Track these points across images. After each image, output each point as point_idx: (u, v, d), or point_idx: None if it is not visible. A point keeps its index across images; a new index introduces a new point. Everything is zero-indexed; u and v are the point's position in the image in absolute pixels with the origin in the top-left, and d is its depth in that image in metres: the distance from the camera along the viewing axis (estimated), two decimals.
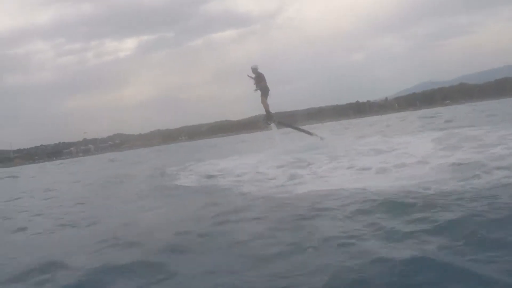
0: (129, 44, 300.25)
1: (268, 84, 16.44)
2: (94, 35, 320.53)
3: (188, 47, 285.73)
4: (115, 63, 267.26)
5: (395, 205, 5.49)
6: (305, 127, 18.99)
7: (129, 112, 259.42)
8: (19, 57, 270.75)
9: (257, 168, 12.05)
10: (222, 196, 8.54)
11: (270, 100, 16.73)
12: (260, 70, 16.38)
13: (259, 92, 16.50)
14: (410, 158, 9.40)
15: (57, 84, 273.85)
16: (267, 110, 16.72)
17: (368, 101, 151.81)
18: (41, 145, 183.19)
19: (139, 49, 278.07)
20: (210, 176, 11.90)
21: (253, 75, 16.28)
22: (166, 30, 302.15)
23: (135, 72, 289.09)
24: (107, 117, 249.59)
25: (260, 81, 16.14)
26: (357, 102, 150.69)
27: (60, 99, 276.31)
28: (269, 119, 16.97)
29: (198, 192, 9.62)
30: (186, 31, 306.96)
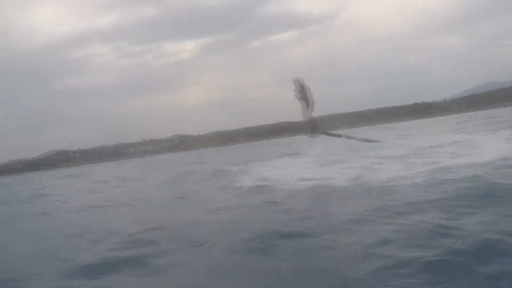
0: (189, 46, 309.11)
1: (314, 96, 17.01)
2: (155, 38, 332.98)
3: (248, 49, 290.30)
4: (175, 65, 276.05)
5: None
6: (364, 129, 20.15)
7: (189, 113, 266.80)
8: (80, 59, 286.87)
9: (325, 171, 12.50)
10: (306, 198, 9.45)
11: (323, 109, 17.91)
12: (302, 82, 16.94)
13: (300, 102, 17.12)
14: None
15: (118, 86, 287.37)
16: (308, 122, 17.31)
17: (427, 102, 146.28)
18: (101, 146, 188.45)
19: (198, 51, 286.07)
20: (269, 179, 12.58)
21: (297, 87, 16.76)
22: (226, 32, 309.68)
23: (194, 74, 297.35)
24: (166, 118, 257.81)
25: (301, 93, 16.59)
26: (416, 103, 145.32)
27: (120, 100, 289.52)
28: (312, 131, 17.38)
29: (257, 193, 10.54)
30: (246, 32, 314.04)
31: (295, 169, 14.04)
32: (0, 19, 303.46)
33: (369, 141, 16.96)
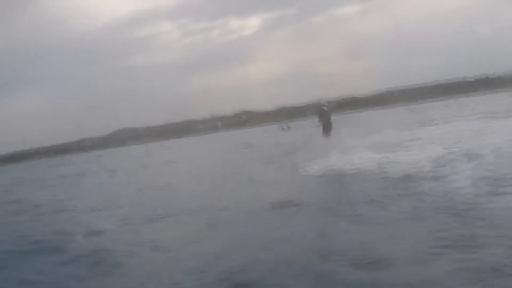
0: (253, 22, 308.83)
1: (332, 120, 17.76)
2: (218, 15, 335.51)
3: (311, 23, 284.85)
4: (240, 41, 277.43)
5: None
6: (438, 103, 21.82)
7: (255, 89, 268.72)
8: (146, 37, 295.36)
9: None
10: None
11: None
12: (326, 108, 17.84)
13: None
14: None
15: (184, 63, 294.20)
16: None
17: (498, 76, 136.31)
18: (170, 123, 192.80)
19: (262, 27, 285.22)
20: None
21: (324, 108, 17.73)
22: (289, 7, 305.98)
23: (259, 50, 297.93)
24: (233, 94, 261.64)
25: (322, 117, 17.44)
26: (487, 77, 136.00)
27: (187, 77, 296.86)
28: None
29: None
30: (309, 7, 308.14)
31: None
32: (61, 3, 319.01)
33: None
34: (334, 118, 17.83)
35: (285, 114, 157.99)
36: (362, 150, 14.63)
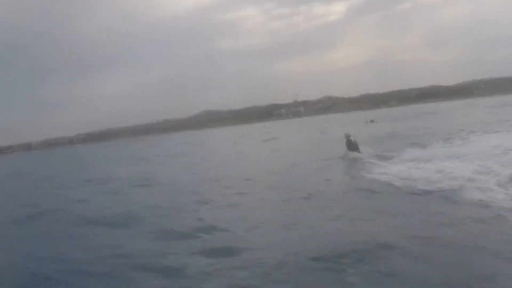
0: (339, 8, 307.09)
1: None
2: (304, 0, 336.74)
3: (398, 10, 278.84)
4: (325, 27, 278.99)
5: None
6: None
7: (339, 75, 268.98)
8: (230, 22, 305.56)
9: None
10: None
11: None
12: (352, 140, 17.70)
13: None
14: None
15: (268, 48, 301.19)
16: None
17: None
18: (253, 106, 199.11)
19: (348, 13, 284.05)
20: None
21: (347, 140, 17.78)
22: None
23: (344, 36, 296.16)
24: (317, 80, 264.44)
25: (349, 148, 17.49)
26: None
27: (271, 62, 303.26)
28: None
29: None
30: None
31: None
32: None
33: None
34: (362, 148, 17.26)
35: (368, 101, 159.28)
36: (440, 156, 13.81)
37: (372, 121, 49.75)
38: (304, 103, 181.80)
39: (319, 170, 15.28)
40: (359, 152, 17.04)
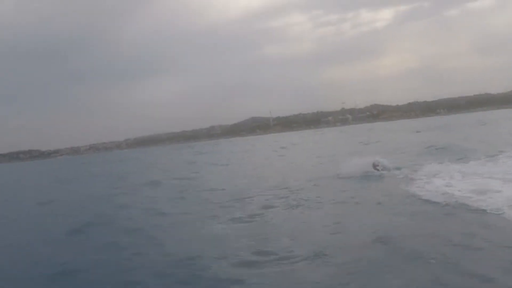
0: (386, 15, 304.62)
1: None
2: (351, 6, 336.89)
3: (445, 17, 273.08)
4: (372, 34, 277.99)
5: None
6: None
7: (386, 82, 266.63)
8: (278, 29, 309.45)
9: None
10: None
11: None
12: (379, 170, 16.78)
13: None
14: None
15: (315, 55, 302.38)
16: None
17: None
18: (300, 114, 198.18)
19: (395, 19, 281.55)
20: None
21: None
22: None
23: (391, 43, 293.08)
24: (364, 87, 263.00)
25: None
26: None
27: (318, 69, 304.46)
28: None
29: None
30: (443, 0, 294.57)
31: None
32: None
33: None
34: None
35: (416, 110, 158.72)
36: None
37: (418, 131, 49.48)
38: (351, 111, 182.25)
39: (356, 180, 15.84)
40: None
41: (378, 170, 16.59)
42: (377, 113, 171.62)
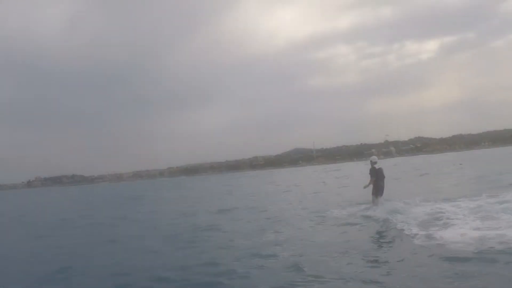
0: (431, 46, 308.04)
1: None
2: (396, 38, 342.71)
3: (490, 48, 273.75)
4: (417, 66, 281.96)
5: None
6: None
7: (430, 115, 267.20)
8: (322, 61, 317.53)
9: None
10: None
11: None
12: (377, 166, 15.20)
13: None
14: None
15: (359, 87, 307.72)
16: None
17: None
18: (343, 146, 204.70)
19: (440, 51, 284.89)
20: None
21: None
22: (467, 30, 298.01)
23: (436, 74, 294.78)
24: (408, 119, 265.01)
25: (372, 176, 15.09)
26: None
27: (362, 101, 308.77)
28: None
29: None
30: (489, 31, 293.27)
31: None
32: (244, 23, 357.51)
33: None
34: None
35: (460, 142, 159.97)
36: None
37: (460, 164, 48.10)
38: (395, 143, 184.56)
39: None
40: (381, 191, 14.88)
41: (376, 166, 14.93)
42: (420, 146, 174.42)
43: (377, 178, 14.90)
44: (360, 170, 49.23)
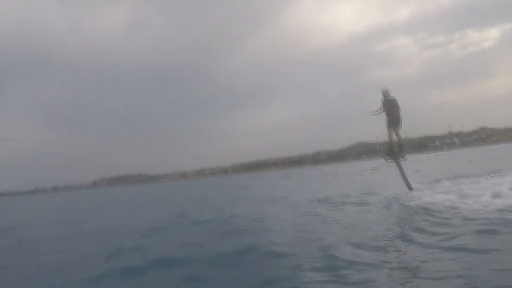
0: (492, 34, 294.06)
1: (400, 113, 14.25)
2: (456, 27, 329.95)
3: None
4: (479, 54, 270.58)
5: None
6: None
7: (495, 104, 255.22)
8: (383, 53, 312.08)
9: None
10: None
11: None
12: (391, 96, 14.20)
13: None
14: None
15: (421, 78, 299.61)
16: (389, 144, 14.69)
17: None
18: (406, 138, 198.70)
19: (502, 38, 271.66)
20: None
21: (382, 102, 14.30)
22: None
23: (500, 63, 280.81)
24: (471, 110, 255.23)
25: (384, 108, 14.15)
26: None
27: (424, 92, 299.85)
28: (389, 155, 14.61)
29: None
30: None
31: None
32: (303, 20, 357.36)
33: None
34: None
35: None
36: None
37: None
38: (459, 135, 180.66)
39: None
40: (399, 122, 14.08)
41: (389, 97, 14.30)
42: (485, 137, 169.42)
43: (390, 109, 14.14)
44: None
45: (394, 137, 14.56)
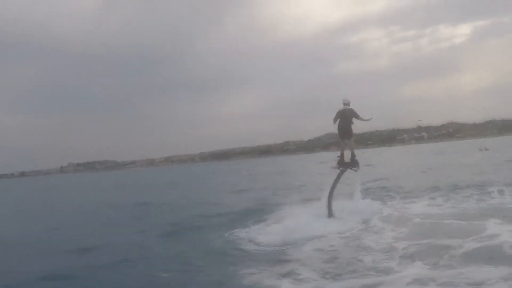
0: (464, 30, 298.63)
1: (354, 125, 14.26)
2: (429, 22, 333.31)
3: None
4: (449, 50, 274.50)
5: None
6: None
7: (463, 100, 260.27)
8: (354, 45, 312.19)
9: None
10: None
11: None
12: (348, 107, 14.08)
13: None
14: None
15: (392, 71, 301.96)
16: (341, 154, 14.77)
17: None
18: (376, 131, 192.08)
19: (474, 35, 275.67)
20: None
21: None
22: (502, 14, 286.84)
23: (470, 59, 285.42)
24: (440, 104, 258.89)
25: (335, 118, 14.17)
26: None
27: (394, 85, 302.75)
28: (340, 164, 14.65)
29: None
30: None
31: None
32: (273, 9, 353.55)
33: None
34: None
35: (493, 128, 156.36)
36: None
37: (486, 149, 50.08)
38: (427, 129, 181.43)
39: None
40: (350, 134, 14.14)
41: (345, 110, 14.08)
42: (452, 131, 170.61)
43: (340, 120, 13.99)
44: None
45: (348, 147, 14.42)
